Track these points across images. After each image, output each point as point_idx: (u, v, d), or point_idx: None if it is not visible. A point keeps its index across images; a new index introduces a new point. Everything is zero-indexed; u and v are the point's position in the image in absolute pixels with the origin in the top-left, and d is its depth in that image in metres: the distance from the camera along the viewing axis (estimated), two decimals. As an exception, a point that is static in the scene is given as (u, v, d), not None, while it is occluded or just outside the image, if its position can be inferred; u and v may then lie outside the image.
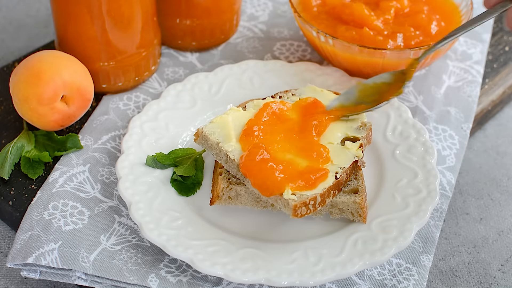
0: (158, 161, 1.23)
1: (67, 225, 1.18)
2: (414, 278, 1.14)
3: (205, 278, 1.13)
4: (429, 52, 1.27)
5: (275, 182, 1.11)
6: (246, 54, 1.49)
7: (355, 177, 1.20)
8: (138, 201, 1.17)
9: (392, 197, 1.20)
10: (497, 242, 1.28)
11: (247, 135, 1.19)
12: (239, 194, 1.17)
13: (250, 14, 1.59)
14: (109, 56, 1.34)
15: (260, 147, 1.15)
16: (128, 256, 1.15)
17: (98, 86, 1.37)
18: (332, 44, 1.33)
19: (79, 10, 1.28)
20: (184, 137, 1.31)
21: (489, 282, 1.22)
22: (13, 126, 1.35)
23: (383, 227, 1.15)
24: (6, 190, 1.24)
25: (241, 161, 1.15)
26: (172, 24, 1.45)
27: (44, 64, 1.25)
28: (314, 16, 1.40)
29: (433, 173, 1.21)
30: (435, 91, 1.42)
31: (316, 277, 1.09)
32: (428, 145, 1.26)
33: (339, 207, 1.17)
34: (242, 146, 1.18)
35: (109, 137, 1.32)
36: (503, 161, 1.42)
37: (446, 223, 1.30)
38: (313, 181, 1.12)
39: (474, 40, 1.53)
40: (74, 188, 1.23)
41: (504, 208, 1.33)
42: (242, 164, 1.14)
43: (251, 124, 1.20)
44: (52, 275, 1.15)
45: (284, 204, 1.11)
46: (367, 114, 1.31)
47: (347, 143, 1.20)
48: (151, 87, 1.42)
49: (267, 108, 1.23)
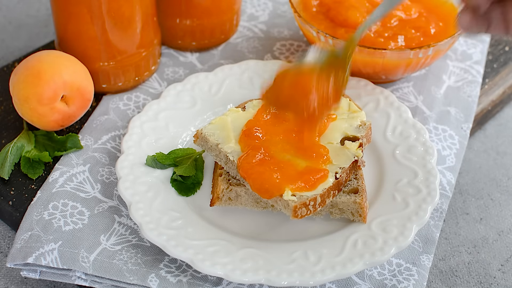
0: (158, 161, 1.23)
1: (67, 225, 1.18)
2: (414, 278, 1.14)
3: (205, 278, 1.13)
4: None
5: (274, 184, 1.11)
6: (246, 54, 1.49)
7: (355, 177, 1.20)
8: (138, 201, 1.17)
9: (392, 197, 1.20)
10: (497, 242, 1.28)
11: (246, 136, 1.19)
12: (239, 195, 1.17)
13: (250, 14, 1.59)
14: (109, 56, 1.34)
15: (257, 149, 1.15)
16: (128, 256, 1.15)
17: (98, 86, 1.37)
18: (332, 44, 1.32)
19: (79, 10, 1.28)
20: (184, 137, 1.31)
21: (489, 282, 1.22)
22: (13, 126, 1.35)
23: (383, 227, 1.15)
24: (6, 190, 1.24)
25: (239, 164, 1.15)
26: (172, 24, 1.45)
27: (44, 64, 1.25)
28: (314, 16, 1.40)
29: (433, 173, 1.21)
30: (435, 91, 1.42)
31: (316, 277, 1.09)
32: (428, 145, 1.26)
33: (339, 207, 1.17)
34: (241, 147, 1.18)
35: (109, 137, 1.32)
36: (503, 161, 1.42)
37: (446, 223, 1.30)
38: (312, 182, 1.12)
39: (474, 40, 1.53)
40: (74, 188, 1.23)
41: (504, 208, 1.33)
42: (240, 168, 1.14)
43: (250, 125, 1.20)
44: (52, 275, 1.15)
45: (284, 205, 1.11)
46: (367, 113, 1.31)
47: (347, 143, 1.20)
48: (151, 87, 1.42)
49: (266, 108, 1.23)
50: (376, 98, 1.34)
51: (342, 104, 1.27)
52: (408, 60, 1.32)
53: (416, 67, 1.35)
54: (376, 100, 1.34)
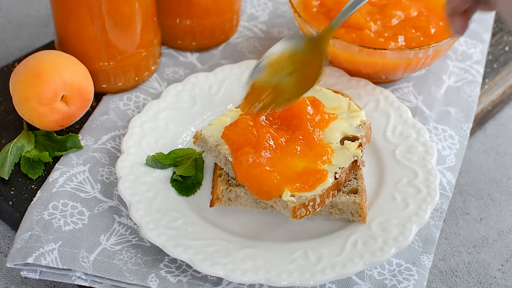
0: (158, 161, 1.23)
1: (67, 225, 1.18)
2: (414, 278, 1.14)
3: (205, 278, 1.13)
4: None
5: (272, 185, 1.11)
6: (246, 54, 1.49)
7: (354, 177, 1.19)
8: (138, 201, 1.17)
9: (392, 197, 1.20)
10: (497, 242, 1.28)
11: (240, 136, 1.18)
12: (238, 196, 1.17)
13: (250, 14, 1.59)
14: (109, 56, 1.34)
15: (248, 153, 1.14)
16: (128, 256, 1.15)
17: (98, 86, 1.37)
18: (332, 44, 1.32)
19: (79, 10, 1.28)
20: (184, 137, 1.31)
21: (489, 282, 1.22)
22: (13, 126, 1.35)
23: (383, 227, 1.15)
24: (6, 190, 1.24)
25: (235, 170, 1.14)
26: (172, 24, 1.45)
27: (44, 64, 1.25)
28: (314, 16, 1.40)
29: (433, 173, 1.21)
30: (435, 91, 1.42)
31: (316, 277, 1.09)
32: (428, 145, 1.26)
33: (338, 207, 1.17)
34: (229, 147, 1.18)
35: (109, 137, 1.32)
36: (503, 161, 1.42)
37: (446, 223, 1.30)
38: (311, 182, 1.12)
39: (474, 40, 1.53)
40: (74, 188, 1.23)
41: (504, 208, 1.33)
42: (236, 173, 1.14)
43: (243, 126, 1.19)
44: (52, 275, 1.15)
45: (283, 206, 1.11)
46: (367, 113, 1.31)
47: (346, 143, 1.20)
48: (151, 87, 1.42)
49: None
50: (376, 98, 1.34)
51: (342, 104, 1.27)
52: (408, 60, 1.32)
53: (416, 67, 1.35)
54: (376, 100, 1.34)
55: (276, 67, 1.19)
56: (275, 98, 1.16)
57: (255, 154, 1.14)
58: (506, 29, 1.59)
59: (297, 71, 1.17)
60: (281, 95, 1.16)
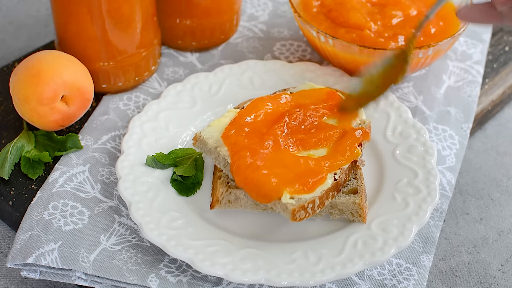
0: (158, 161, 1.23)
1: (67, 225, 1.18)
2: (414, 278, 1.14)
3: (205, 278, 1.13)
4: (420, 28, 1.23)
5: (271, 188, 1.10)
6: (246, 54, 1.49)
7: (354, 177, 1.19)
8: (138, 201, 1.17)
9: (392, 197, 1.20)
10: (497, 242, 1.28)
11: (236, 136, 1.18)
12: (238, 198, 1.17)
13: (250, 14, 1.59)
14: (109, 56, 1.34)
15: (245, 156, 1.14)
16: (128, 256, 1.15)
17: (98, 86, 1.37)
18: (332, 44, 1.33)
19: (79, 10, 1.28)
20: (184, 137, 1.31)
21: (489, 282, 1.22)
22: (13, 126, 1.35)
23: (383, 227, 1.15)
24: (6, 190, 1.24)
25: (233, 174, 1.14)
26: (172, 24, 1.45)
27: (44, 64, 1.25)
28: (314, 17, 1.40)
29: (433, 173, 1.21)
30: (435, 91, 1.42)
31: (316, 277, 1.09)
32: (428, 145, 1.26)
33: (338, 207, 1.16)
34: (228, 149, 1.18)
35: (109, 137, 1.32)
36: (503, 161, 1.42)
37: (446, 223, 1.30)
38: (311, 184, 1.11)
39: (474, 40, 1.53)
40: (74, 188, 1.23)
41: (504, 208, 1.33)
42: (234, 178, 1.13)
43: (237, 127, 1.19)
44: (52, 275, 1.15)
45: (282, 208, 1.10)
46: (367, 113, 1.31)
47: (347, 143, 1.20)
48: (151, 87, 1.42)
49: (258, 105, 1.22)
50: (376, 98, 1.34)
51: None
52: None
53: (416, 67, 1.35)
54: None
55: (369, 84, 1.23)
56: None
57: (254, 155, 1.13)
58: (506, 29, 1.59)
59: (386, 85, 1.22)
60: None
